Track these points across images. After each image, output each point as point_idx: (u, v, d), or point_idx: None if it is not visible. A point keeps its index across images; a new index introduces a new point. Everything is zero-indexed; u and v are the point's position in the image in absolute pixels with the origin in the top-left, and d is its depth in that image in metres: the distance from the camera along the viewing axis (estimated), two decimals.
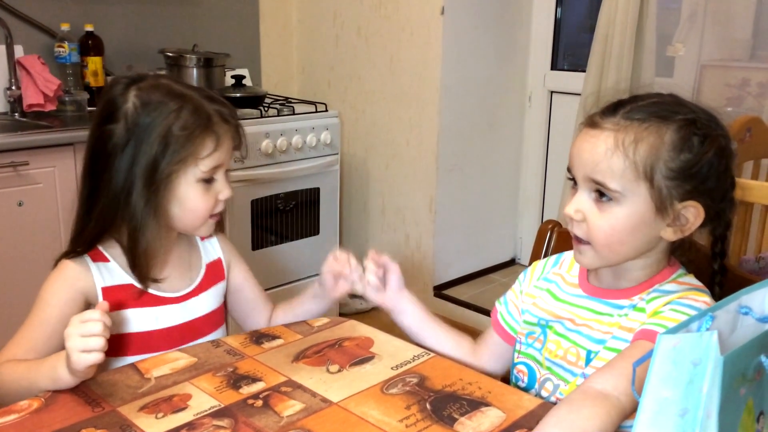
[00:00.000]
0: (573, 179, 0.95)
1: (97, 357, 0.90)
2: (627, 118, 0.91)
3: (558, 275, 1.07)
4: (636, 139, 0.89)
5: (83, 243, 1.08)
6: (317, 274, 1.19)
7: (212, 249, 1.21)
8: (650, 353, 0.61)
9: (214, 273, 1.20)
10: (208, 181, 1.08)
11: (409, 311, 1.16)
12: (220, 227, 1.22)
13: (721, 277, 0.98)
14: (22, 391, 0.94)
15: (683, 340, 0.60)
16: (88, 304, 1.06)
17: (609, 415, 0.80)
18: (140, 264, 1.07)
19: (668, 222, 0.91)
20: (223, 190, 1.10)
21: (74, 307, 1.04)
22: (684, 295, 0.92)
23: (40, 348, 1.02)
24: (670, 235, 0.92)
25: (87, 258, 1.07)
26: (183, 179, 1.06)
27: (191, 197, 1.07)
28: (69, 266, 1.07)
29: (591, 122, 0.94)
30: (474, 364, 1.09)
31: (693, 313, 0.89)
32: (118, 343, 1.05)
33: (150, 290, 1.09)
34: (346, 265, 1.15)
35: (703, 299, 0.92)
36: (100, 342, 0.90)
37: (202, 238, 1.20)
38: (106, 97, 1.07)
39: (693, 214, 0.91)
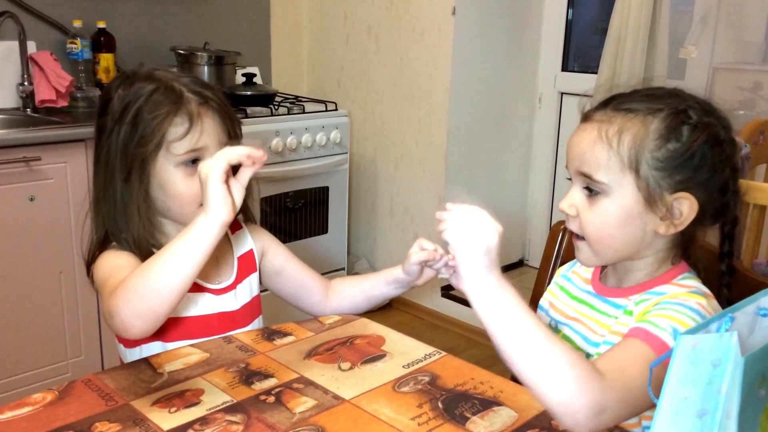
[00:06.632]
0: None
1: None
2: (615, 110, 0.91)
3: (575, 273, 1.08)
4: (620, 129, 0.88)
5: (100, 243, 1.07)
6: (327, 273, 1.18)
7: (243, 241, 1.20)
8: (669, 353, 0.61)
9: (247, 265, 1.19)
10: (192, 164, 1.04)
11: None
12: (249, 218, 1.22)
13: (729, 278, 0.94)
14: (160, 269, 0.90)
15: (703, 340, 0.59)
16: None
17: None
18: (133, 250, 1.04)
19: (661, 215, 0.89)
20: None
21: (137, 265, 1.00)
22: (676, 295, 0.89)
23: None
24: (663, 229, 0.89)
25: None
26: (161, 163, 1.03)
27: (172, 182, 1.04)
28: (114, 247, 1.06)
29: (584, 117, 0.95)
30: None
31: (680, 309, 0.86)
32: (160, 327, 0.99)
33: None
34: (434, 254, 1.07)
35: (697, 300, 0.88)
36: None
37: (233, 231, 1.18)
38: (102, 93, 1.09)
39: (686, 206, 0.88)
